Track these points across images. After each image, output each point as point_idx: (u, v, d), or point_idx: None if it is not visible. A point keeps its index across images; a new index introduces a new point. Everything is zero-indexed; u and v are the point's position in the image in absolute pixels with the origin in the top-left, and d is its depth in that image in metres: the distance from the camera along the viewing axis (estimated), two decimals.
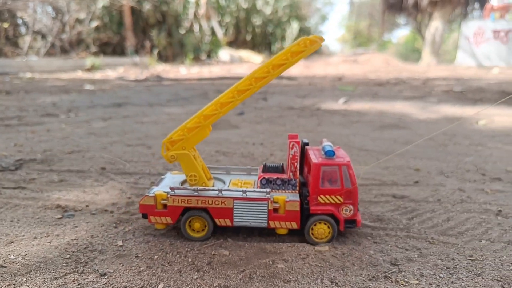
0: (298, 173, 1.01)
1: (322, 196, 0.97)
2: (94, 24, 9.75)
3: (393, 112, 3.10)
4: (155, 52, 10.49)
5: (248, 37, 12.01)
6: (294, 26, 11.70)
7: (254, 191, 0.97)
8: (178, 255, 0.93)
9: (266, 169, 1.06)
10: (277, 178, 1.02)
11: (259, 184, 1.02)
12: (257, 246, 0.97)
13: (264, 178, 1.02)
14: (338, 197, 0.97)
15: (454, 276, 0.85)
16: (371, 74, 7.81)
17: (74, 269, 0.86)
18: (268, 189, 0.97)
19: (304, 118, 2.89)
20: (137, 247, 0.97)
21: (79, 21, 9.56)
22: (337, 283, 0.81)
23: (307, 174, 1.03)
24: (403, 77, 6.69)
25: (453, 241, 1.01)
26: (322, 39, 0.93)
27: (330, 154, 0.98)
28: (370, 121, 2.74)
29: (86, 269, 0.86)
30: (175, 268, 0.87)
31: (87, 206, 1.22)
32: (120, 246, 0.97)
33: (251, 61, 11.22)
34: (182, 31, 11.14)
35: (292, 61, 0.92)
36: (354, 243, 0.99)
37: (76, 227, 1.08)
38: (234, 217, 0.98)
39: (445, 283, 0.82)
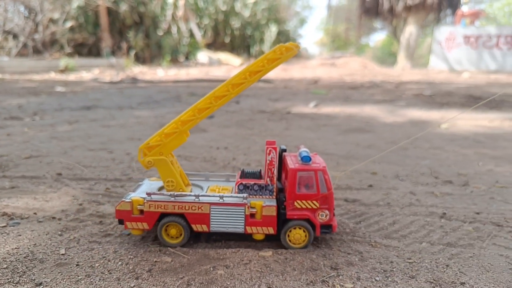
0: (275, 179, 1.02)
1: (298, 201, 0.98)
2: (69, 24, 9.56)
3: (361, 116, 3.16)
4: (132, 53, 10.36)
5: (227, 40, 12.00)
6: (273, 29, 11.76)
7: (231, 197, 0.98)
8: (120, 263, 0.92)
9: (243, 175, 1.07)
10: (254, 184, 1.02)
11: (236, 190, 1.02)
12: (201, 252, 0.97)
13: (241, 183, 1.02)
14: (314, 202, 0.98)
15: (390, 279, 0.87)
16: (347, 77, 7.93)
17: (10, 279, 0.84)
18: (245, 194, 0.98)
19: (274, 121, 2.91)
20: (80, 255, 0.95)
21: (52, 21, 9.35)
22: None
23: (285, 180, 1.03)
24: (377, 81, 6.82)
25: (395, 244, 1.04)
26: (298, 47, 0.95)
27: (306, 159, 0.99)
28: (337, 124, 2.78)
29: (23, 279, 0.85)
30: (114, 276, 0.86)
31: (35, 213, 1.19)
32: (62, 254, 0.95)
33: (230, 63, 11.22)
34: (160, 33, 11.04)
35: (268, 68, 0.94)
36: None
37: (20, 235, 1.05)
38: (211, 223, 0.98)
39: (380, 286, 0.84)
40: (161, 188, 1.09)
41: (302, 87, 5.73)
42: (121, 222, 1.00)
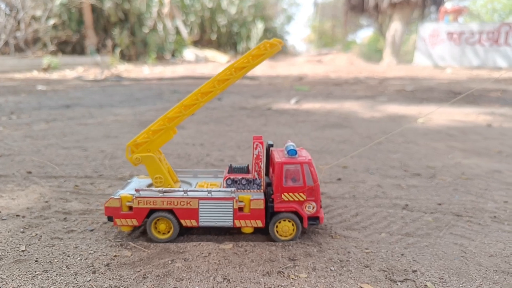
0: (262, 173, 1.03)
1: (285, 194, 0.99)
2: (52, 22, 9.41)
3: (340, 112, 3.19)
4: (117, 51, 10.26)
5: (213, 37, 11.96)
6: (259, 26, 11.76)
7: (220, 191, 0.99)
8: (79, 258, 0.92)
9: (231, 170, 1.08)
10: (242, 178, 1.03)
11: (224, 185, 1.03)
12: (162, 246, 0.98)
13: (229, 178, 1.03)
14: (301, 194, 0.99)
15: (344, 269, 0.89)
16: (333, 74, 7.98)
17: None
18: (233, 189, 0.99)
19: (253, 118, 2.92)
20: (40, 251, 0.95)
21: (35, 18, 9.20)
22: (229, 280, 0.83)
23: (272, 174, 1.04)
24: (362, 77, 6.87)
25: (355, 235, 1.06)
26: (281, 43, 0.97)
27: (292, 153, 1.01)
28: (315, 120, 2.80)
29: None
30: (72, 271, 0.86)
31: None
32: (22, 251, 0.95)
33: (216, 60, 11.19)
34: (146, 30, 10.95)
35: (253, 63, 0.95)
36: (259, 240, 1.02)
37: None
38: (200, 218, 0.99)
39: (333, 276, 0.86)
40: (150, 185, 1.09)
41: (287, 84, 5.75)
42: (110, 219, 1.00)
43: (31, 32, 9.10)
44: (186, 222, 0.99)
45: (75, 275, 0.85)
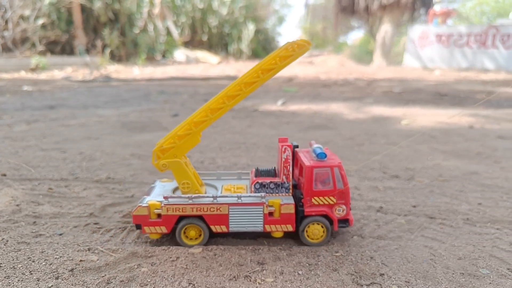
0: (291, 176, 1.02)
1: (315, 198, 0.99)
2: (40, 21, 9.31)
3: (326, 113, 3.19)
4: (107, 51, 10.18)
5: (204, 38, 11.93)
6: (250, 27, 11.75)
7: (249, 196, 0.99)
8: (44, 263, 0.90)
9: (258, 173, 1.07)
10: (271, 182, 1.02)
11: (252, 189, 1.02)
12: (130, 250, 0.96)
13: (257, 182, 1.02)
14: (331, 197, 0.99)
15: (312, 272, 0.88)
16: (323, 75, 7.99)
17: None
18: (263, 194, 0.98)
19: (239, 119, 2.91)
20: (5, 256, 0.93)
21: (23, 18, 9.09)
22: (194, 285, 0.83)
23: (298, 176, 1.05)
24: (351, 78, 6.90)
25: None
26: (309, 43, 0.94)
27: (322, 156, 1.00)
28: (300, 122, 2.80)
29: None
30: (35, 277, 0.85)
31: None
32: None
33: (207, 61, 11.15)
34: (136, 31, 10.88)
35: (280, 65, 0.93)
36: (230, 243, 1.01)
37: None
38: (230, 223, 0.99)
39: (300, 280, 0.85)
40: (175, 189, 1.08)
41: (276, 85, 5.75)
42: (138, 227, 0.99)
43: (19, 32, 8.99)
44: (216, 228, 0.99)
45: (38, 280, 0.83)
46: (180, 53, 11.36)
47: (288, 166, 1.01)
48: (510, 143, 2.21)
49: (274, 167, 1.09)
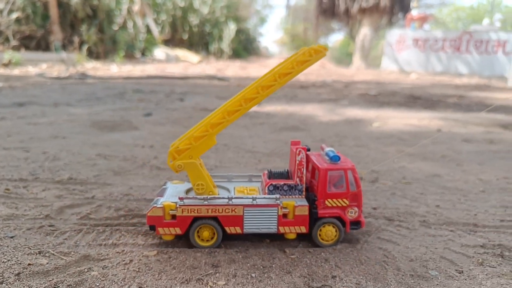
0: (304, 179, 1.03)
1: (329, 200, 1.01)
2: (15, 15, 9.04)
3: (301, 114, 3.22)
4: (85, 48, 9.96)
5: (185, 36, 11.83)
6: (232, 27, 11.73)
7: (264, 198, 0.99)
8: None
9: (272, 175, 1.07)
10: (284, 184, 1.03)
11: (266, 191, 1.03)
12: (82, 253, 0.94)
13: (271, 184, 1.03)
14: (344, 200, 1.01)
15: (266, 275, 0.89)
16: (302, 76, 8.04)
17: None
18: (277, 195, 1.00)
19: None
20: None
21: None
22: None
23: (310, 178, 1.07)
24: (329, 80, 6.97)
25: (285, 241, 1.06)
26: (326, 49, 0.96)
27: (335, 159, 1.02)
28: (274, 123, 2.81)
29: None
30: None
31: None
32: None
33: (188, 60, 11.07)
34: (115, 27, 10.69)
35: (298, 69, 0.94)
36: (186, 246, 1.01)
37: None
38: (245, 225, 0.99)
39: (252, 282, 0.85)
40: (188, 191, 1.08)
41: None
42: (152, 228, 0.98)
43: None
44: (231, 229, 0.99)
45: None
46: (160, 52, 11.22)
47: (302, 169, 1.02)
48: (474, 146, 2.28)
49: (287, 170, 1.10)
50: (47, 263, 0.89)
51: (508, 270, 0.94)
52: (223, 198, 0.99)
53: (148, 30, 11.29)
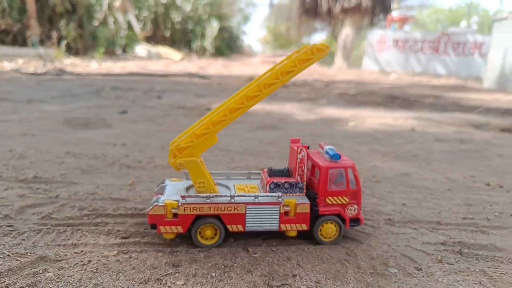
0: (305, 177, 1.04)
1: (330, 198, 1.03)
2: None
3: (279, 113, 3.22)
4: (63, 44, 9.75)
5: (167, 33, 11.71)
6: (214, 25, 11.67)
7: (266, 196, 1.00)
8: None
9: (272, 173, 1.08)
10: (285, 182, 1.04)
11: (267, 189, 1.03)
12: (39, 254, 0.92)
13: (272, 182, 1.04)
14: (345, 197, 1.03)
15: (226, 274, 0.88)
16: None
17: None
18: (279, 193, 1.00)
19: (190, 118, 2.87)
20: None
21: None
22: None
23: (310, 176, 1.08)
24: (310, 80, 7.01)
25: (249, 239, 1.05)
26: (328, 48, 0.97)
27: (336, 157, 1.03)
28: (252, 121, 2.81)
29: None
30: None
31: None
32: None
33: (170, 57, 10.95)
34: (95, 23, 10.49)
35: (300, 67, 0.95)
36: (147, 245, 0.99)
37: None
38: (247, 222, 0.99)
39: (212, 282, 0.85)
40: (188, 188, 1.08)
41: (237, 84, 5.74)
42: (153, 227, 0.97)
43: None
44: (233, 227, 0.99)
45: None
46: (142, 48, 11.08)
47: (303, 167, 1.03)
48: (446, 145, 2.33)
49: (287, 168, 1.10)
50: (1, 265, 0.87)
51: (465, 267, 0.96)
52: (226, 196, 0.99)
53: (130, 27, 11.13)
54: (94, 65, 8.09)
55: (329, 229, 1.03)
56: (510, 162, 1.99)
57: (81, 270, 0.87)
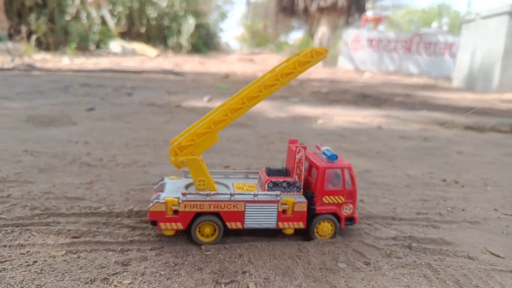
0: (302, 176, 1.06)
1: (326, 197, 1.06)
2: None
3: (250, 111, 3.19)
4: (33, 38, 9.44)
5: (142, 30, 11.53)
6: (191, 22, 11.56)
7: (265, 194, 1.03)
8: None
9: (271, 172, 1.10)
10: (283, 181, 1.06)
11: (266, 187, 1.06)
12: None
13: (271, 181, 1.06)
14: (341, 197, 1.06)
15: (175, 272, 0.88)
16: (261, 73, 8.07)
17: None
18: (278, 192, 1.03)
19: (159, 115, 2.84)
20: None
21: None
22: None
23: (307, 176, 1.11)
24: None
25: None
26: (327, 51, 1.01)
27: (333, 157, 1.07)
28: None
29: None
30: None
31: None
32: None
33: (145, 54, 10.79)
34: (67, 18, 10.21)
35: (300, 70, 0.98)
36: (98, 244, 0.98)
37: None
38: (246, 220, 1.01)
39: (159, 281, 0.84)
40: (187, 186, 1.10)
41: (211, 81, 5.71)
42: (153, 223, 0.99)
43: None
44: (232, 225, 1.01)
45: None
46: (116, 45, 10.85)
47: (301, 166, 1.06)
48: (409, 143, 2.39)
49: (285, 167, 1.12)
50: None
51: (412, 261, 0.99)
52: (225, 194, 1.01)
53: (103, 22, 10.88)
54: (66, 61, 7.87)
55: (325, 228, 1.07)
56: (467, 159, 2.07)
57: (25, 271, 0.84)
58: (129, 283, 0.83)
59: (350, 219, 1.10)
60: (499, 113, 3.97)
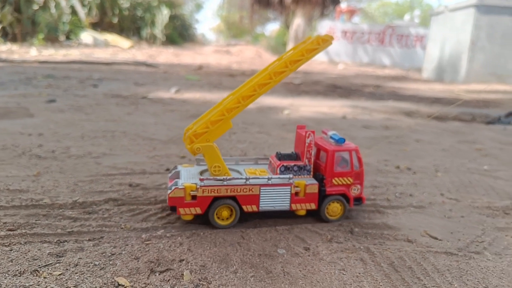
0: (312, 160, 1.11)
1: (336, 179, 1.11)
2: None
3: (217, 102, 3.20)
4: None
5: (115, 20, 11.24)
6: (165, 12, 11.35)
7: (278, 178, 1.06)
8: None
9: (281, 157, 1.13)
10: (294, 165, 1.11)
11: (278, 171, 1.10)
12: None
13: (283, 165, 1.10)
14: (349, 178, 1.12)
15: (111, 262, 0.87)
16: (236, 65, 8.04)
17: None
18: (290, 175, 1.07)
19: (122, 106, 2.79)
20: None
21: None
22: None
23: (315, 160, 1.16)
24: (258, 69, 7.04)
25: (151, 227, 1.04)
26: (332, 38, 1.06)
27: (341, 141, 1.12)
28: (186, 110, 2.78)
29: None
30: None
31: None
32: None
33: (118, 45, 10.54)
34: (35, 7, 9.84)
35: (307, 57, 1.03)
36: (34, 236, 0.95)
37: None
38: (261, 203, 1.06)
39: (92, 271, 0.83)
40: (202, 172, 1.13)
41: (183, 73, 5.64)
42: (173, 209, 1.02)
43: None
44: (247, 208, 1.06)
45: None
46: (88, 35, 10.55)
47: (311, 150, 1.11)
48: (371, 132, 2.43)
49: (295, 152, 1.16)
50: None
51: (351, 245, 1.01)
52: (241, 178, 1.05)
53: (74, 12, 10.55)
54: (34, 52, 7.61)
55: (334, 208, 1.12)
56: (424, 147, 2.12)
57: None
58: (59, 274, 0.81)
59: (358, 199, 1.16)
60: (468, 104, 4.09)
